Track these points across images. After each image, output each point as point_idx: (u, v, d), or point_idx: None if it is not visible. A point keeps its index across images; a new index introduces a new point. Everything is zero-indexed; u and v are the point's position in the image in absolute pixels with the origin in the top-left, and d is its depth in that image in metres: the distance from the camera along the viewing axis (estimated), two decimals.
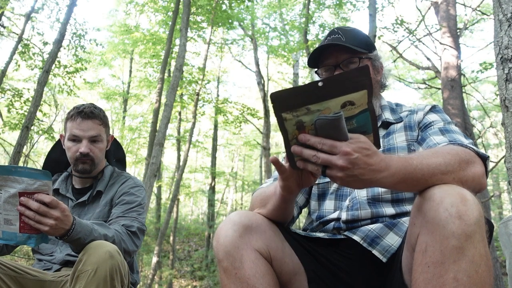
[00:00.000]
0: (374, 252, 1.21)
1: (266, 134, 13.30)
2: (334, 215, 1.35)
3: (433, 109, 1.44)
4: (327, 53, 1.43)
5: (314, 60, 1.49)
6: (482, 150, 1.31)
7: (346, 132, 0.90)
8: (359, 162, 0.89)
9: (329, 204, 1.40)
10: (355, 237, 1.25)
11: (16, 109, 8.69)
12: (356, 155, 0.89)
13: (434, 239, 0.90)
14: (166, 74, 11.01)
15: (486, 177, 1.15)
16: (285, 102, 0.88)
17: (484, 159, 1.15)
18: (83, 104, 1.83)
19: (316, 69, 1.50)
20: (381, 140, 1.38)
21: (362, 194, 1.34)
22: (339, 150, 0.89)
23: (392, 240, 1.22)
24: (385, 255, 1.19)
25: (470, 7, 8.80)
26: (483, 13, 9.19)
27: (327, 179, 1.42)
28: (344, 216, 1.32)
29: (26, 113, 7.39)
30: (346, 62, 1.41)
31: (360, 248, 1.23)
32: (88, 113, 1.77)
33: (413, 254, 0.97)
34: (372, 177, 0.92)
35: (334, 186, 1.41)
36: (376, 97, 1.47)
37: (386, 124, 1.46)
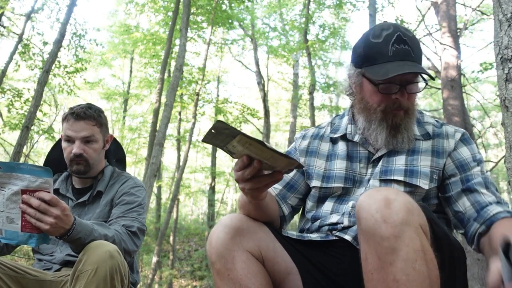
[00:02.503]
0: None
1: (266, 134, 13.30)
2: (333, 219, 1.33)
3: (463, 138, 1.37)
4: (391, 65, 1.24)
5: (364, 59, 1.31)
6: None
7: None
8: None
9: (327, 205, 1.39)
10: (347, 237, 1.26)
11: (16, 109, 8.69)
12: None
13: (370, 246, 0.95)
14: (166, 74, 11.01)
15: None
16: (211, 143, 0.97)
17: None
18: (79, 105, 1.82)
19: (378, 80, 1.27)
20: (405, 157, 1.32)
21: None
22: None
23: None
24: None
25: (470, 7, 8.79)
26: (483, 13, 9.19)
27: (331, 185, 1.38)
28: (345, 222, 1.30)
29: (26, 113, 7.39)
30: (412, 85, 1.30)
31: (351, 249, 1.24)
32: (80, 114, 1.76)
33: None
34: None
35: (338, 192, 1.38)
36: (415, 119, 1.38)
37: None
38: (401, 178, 1.29)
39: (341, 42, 14.71)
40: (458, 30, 8.27)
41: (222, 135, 0.92)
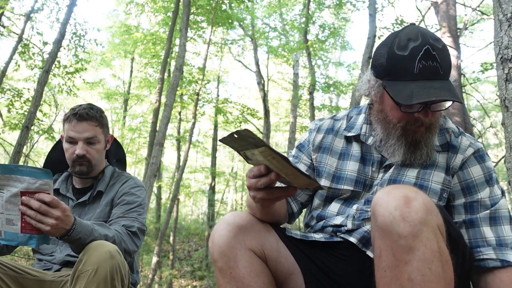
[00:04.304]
0: (368, 252, 1.22)
1: (266, 134, 13.30)
2: (338, 221, 1.32)
3: (477, 155, 1.27)
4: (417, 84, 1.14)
5: (388, 71, 1.20)
6: None
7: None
8: None
9: (333, 206, 1.37)
10: (352, 239, 1.25)
11: (16, 109, 8.68)
12: None
13: (385, 244, 0.94)
14: (166, 74, 11.01)
15: None
16: (229, 145, 0.94)
17: None
18: (80, 105, 1.82)
19: (401, 103, 1.16)
20: (417, 170, 1.26)
21: None
22: None
23: None
24: None
25: (470, 7, 8.79)
26: (483, 13, 9.19)
27: (340, 186, 1.35)
28: (349, 225, 1.29)
29: (26, 113, 7.39)
30: (436, 104, 1.18)
31: (356, 251, 1.24)
32: (83, 115, 1.76)
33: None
34: None
35: (346, 194, 1.35)
36: (436, 133, 1.28)
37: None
38: None
39: (341, 42, 14.73)
40: (458, 30, 8.27)
41: (244, 142, 0.89)
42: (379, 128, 1.30)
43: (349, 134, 1.39)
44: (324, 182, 1.38)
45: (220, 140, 0.93)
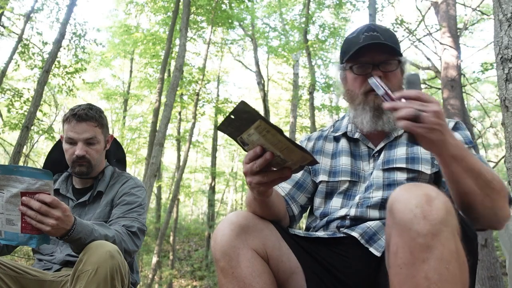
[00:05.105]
0: (371, 249, 1.22)
1: None
2: (342, 212, 1.34)
3: (457, 126, 1.40)
4: (364, 49, 1.35)
5: (345, 53, 1.41)
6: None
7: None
8: (442, 122, 1.00)
9: (336, 201, 1.39)
10: (354, 234, 1.25)
11: (16, 109, 8.68)
12: (442, 114, 1.00)
13: (403, 240, 0.93)
14: (166, 74, 11.02)
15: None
16: (227, 132, 0.97)
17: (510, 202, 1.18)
18: (80, 105, 1.82)
19: (348, 65, 1.40)
20: (405, 148, 1.37)
21: (377, 195, 1.32)
22: (434, 100, 1.00)
23: None
24: (380, 250, 1.21)
25: (470, 7, 8.79)
26: (483, 13, 9.19)
27: (337, 178, 1.40)
28: (353, 212, 1.31)
29: (26, 113, 7.39)
30: (384, 64, 1.35)
31: (358, 248, 1.24)
32: (82, 115, 1.75)
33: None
34: (443, 138, 1.02)
35: (345, 186, 1.39)
36: None
37: None
38: (404, 166, 1.32)
39: (341, 42, 14.68)
40: (458, 30, 8.27)
41: (240, 120, 0.92)
42: (351, 109, 1.44)
43: (337, 134, 1.51)
44: (322, 177, 1.44)
45: (218, 128, 0.96)
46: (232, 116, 0.91)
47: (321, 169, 1.45)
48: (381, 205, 1.30)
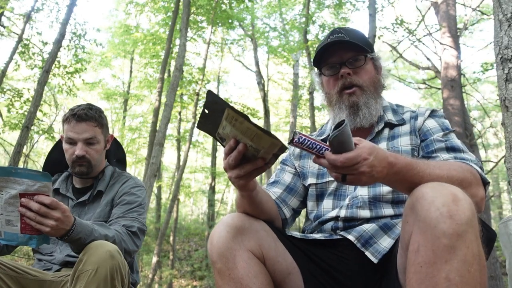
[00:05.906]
0: (367, 253, 1.22)
1: None
2: (333, 213, 1.35)
3: (433, 114, 1.44)
4: (331, 51, 1.43)
5: (317, 60, 1.49)
6: (487, 176, 1.30)
7: (352, 139, 0.98)
8: (375, 163, 0.97)
9: (327, 203, 1.41)
10: (350, 237, 1.26)
11: (16, 109, 8.68)
12: (371, 157, 0.96)
13: (426, 239, 0.91)
14: (166, 74, 11.02)
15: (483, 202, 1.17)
16: (205, 129, 1.01)
17: (486, 183, 1.18)
18: (79, 106, 1.82)
19: (319, 69, 1.50)
20: (385, 143, 1.42)
21: (363, 193, 1.34)
22: (360, 159, 0.95)
23: (385, 242, 1.23)
24: (377, 256, 1.21)
25: (470, 7, 8.79)
26: (483, 13, 9.19)
27: (325, 179, 1.43)
28: (343, 213, 1.32)
29: (26, 113, 7.38)
30: (351, 60, 1.41)
31: (355, 249, 1.24)
32: (81, 116, 1.76)
33: (407, 253, 0.97)
34: (379, 176, 1.00)
35: (333, 186, 1.42)
36: (376, 97, 1.46)
37: (390, 125, 1.46)
38: None
39: None
40: (458, 30, 8.27)
41: (214, 113, 0.93)
42: (330, 111, 1.49)
43: (322, 137, 1.55)
44: (310, 180, 1.46)
45: (196, 127, 0.98)
46: (206, 111, 0.93)
47: (309, 172, 1.48)
48: (370, 203, 1.31)
